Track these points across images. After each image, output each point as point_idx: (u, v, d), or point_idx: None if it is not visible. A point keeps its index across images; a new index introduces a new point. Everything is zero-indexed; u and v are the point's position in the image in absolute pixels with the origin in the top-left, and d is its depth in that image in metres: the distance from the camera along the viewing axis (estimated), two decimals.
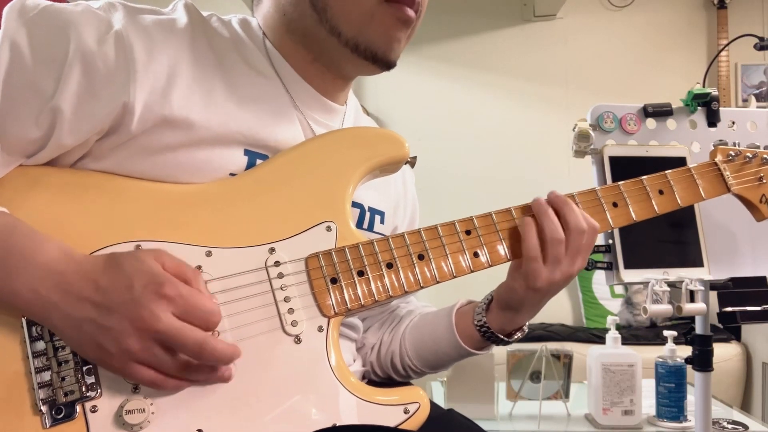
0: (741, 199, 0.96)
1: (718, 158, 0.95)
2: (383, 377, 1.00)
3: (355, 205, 0.85)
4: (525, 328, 0.90)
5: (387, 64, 0.84)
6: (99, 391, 0.65)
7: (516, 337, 0.90)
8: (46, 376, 0.64)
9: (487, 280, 0.93)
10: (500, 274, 0.90)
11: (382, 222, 0.92)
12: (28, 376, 0.64)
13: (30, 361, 0.64)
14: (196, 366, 0.64)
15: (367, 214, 0.89)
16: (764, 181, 0.96)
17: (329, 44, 0.82)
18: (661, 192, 0.88)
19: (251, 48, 0.83)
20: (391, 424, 0.71)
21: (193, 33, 0.77)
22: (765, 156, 0.96)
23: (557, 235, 0.78)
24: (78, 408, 0.64)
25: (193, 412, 0.66)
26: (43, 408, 0.63)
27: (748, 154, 0.95)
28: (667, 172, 0.90)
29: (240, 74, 0.79)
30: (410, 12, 0.81)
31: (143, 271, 0.62)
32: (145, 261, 0.63)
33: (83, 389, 0.64)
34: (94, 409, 0.64)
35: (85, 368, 0.65)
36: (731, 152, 0.95)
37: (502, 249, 0.80)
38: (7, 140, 0.68)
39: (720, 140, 1.09)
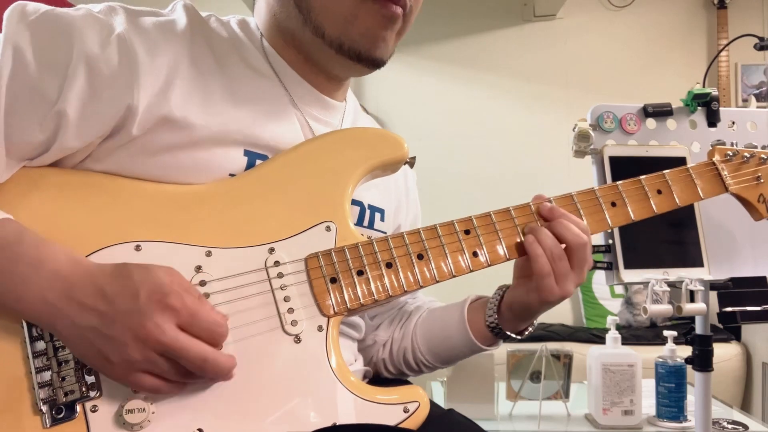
0: (739, 199, 0.96)
1: (716, 158, 0.95)
2: (395, 373, 1.01)
3: (354, 202, 0.85)
4: (535, 322, 0.92)
5: (374, 63, 0.83)
6: (99, 391, 0.65)
7: (527, 332, 0.92)
8: (47, 375, 0.64)
9: (486, 279, 0.93)
10: (500, 272, 0.90)
11: (382, 219, 0.92)
12: (29, 376, 0.64)
13: (30, 361, 0.65)
14: (197, 375, 0.65)
15: (367, 212, 0.89)
16: (762, 180, 0.96)
17: (315, 45, 0.82)
18: (659, 192, 0.88)
19: (249, 48, 0.83)
20: (391, 423, 0.71)
21: (192, 34, 0.77)
22: (763, 156, 0.96)
23: (557, 251, 0.79)
24: (78, 408, 0.64)
25: (193, 412, 0.66)
26: (44, 408, 0.64)
27: (746, 154, 0.95)
28: (665, 171, 0.90)
29: (239, 74, 0.80)
30: (395, 8, 0.79)
31: (150, 281, 0.62)
32: (153, 272, 0.63)
33: (83, 389, 0.65)
34: (94, 409, 0.65)
35: (85, 368, 0.65)
36: (729, 152, 0.95)
37: (501, 249, 0.80)
38: (11, 144, 0.68)
39: (718, 140, 1.09)
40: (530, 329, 0.92)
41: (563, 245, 0.80)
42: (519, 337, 0.91)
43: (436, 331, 0.97)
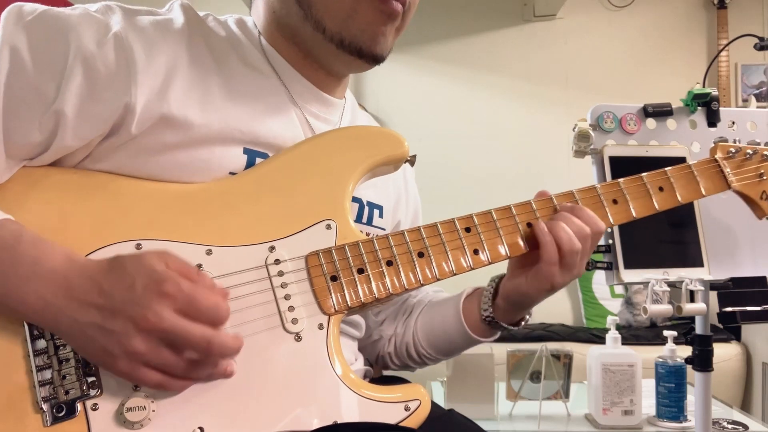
0: (741, 196, 0.96)
1: (718, 155, 0.94)
2: (401, 365, 1.04)
3: (353, 199, 0.86)
4: (531, 311, 0.92)
5: (374, 58, 0.83)
6: (100, 389, 0.65)
7: (522, 323, 0.92)
8: (47, 374, 0.64)
9: (487, 277, 0.93)
10: (502, 270, 0.90)
11: (380, 216, 0.92)
12: (29, 374, 0.64)
13: (31, 360, 0.64)
14: (202, 362, 0.64)
15: (366, 209, 0.90)
16: (765, 177, 0.95)
17: (315, 40, 0.82)
18: (661, 189, 0.88)
19: (248, 46, 0.84)
20: (392, 421, 0.71)
21: (190, 33, 0.77)
22: (765, 153, 0.96)
23: (576, 246, 0.79)
24: (79, 406, 0.64)
25: (193, 410, 0.66)
26: (44, 406, 0.64)
27: (749, 151, 0.95)
28: (667, 169, 0.89)
29: (237, 73, 0.80)
30: (395, 5, 0.80)
31: (144, 270, 0.62)
32: (147, 260, 0.63)
33: (84, 387, 0.65)
34: (95, 407, 0.64)
35: (85, 366, 0.65)
36: (731, 149, 0.95)
37: (503, 247, 0.80)
38: (10, 145, 0.68)
39: (720, 137, 1.08)
40: (527, 317, 0.92)
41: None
42: (515, 329, 0.91)
43: (434, 326, 0.98)
